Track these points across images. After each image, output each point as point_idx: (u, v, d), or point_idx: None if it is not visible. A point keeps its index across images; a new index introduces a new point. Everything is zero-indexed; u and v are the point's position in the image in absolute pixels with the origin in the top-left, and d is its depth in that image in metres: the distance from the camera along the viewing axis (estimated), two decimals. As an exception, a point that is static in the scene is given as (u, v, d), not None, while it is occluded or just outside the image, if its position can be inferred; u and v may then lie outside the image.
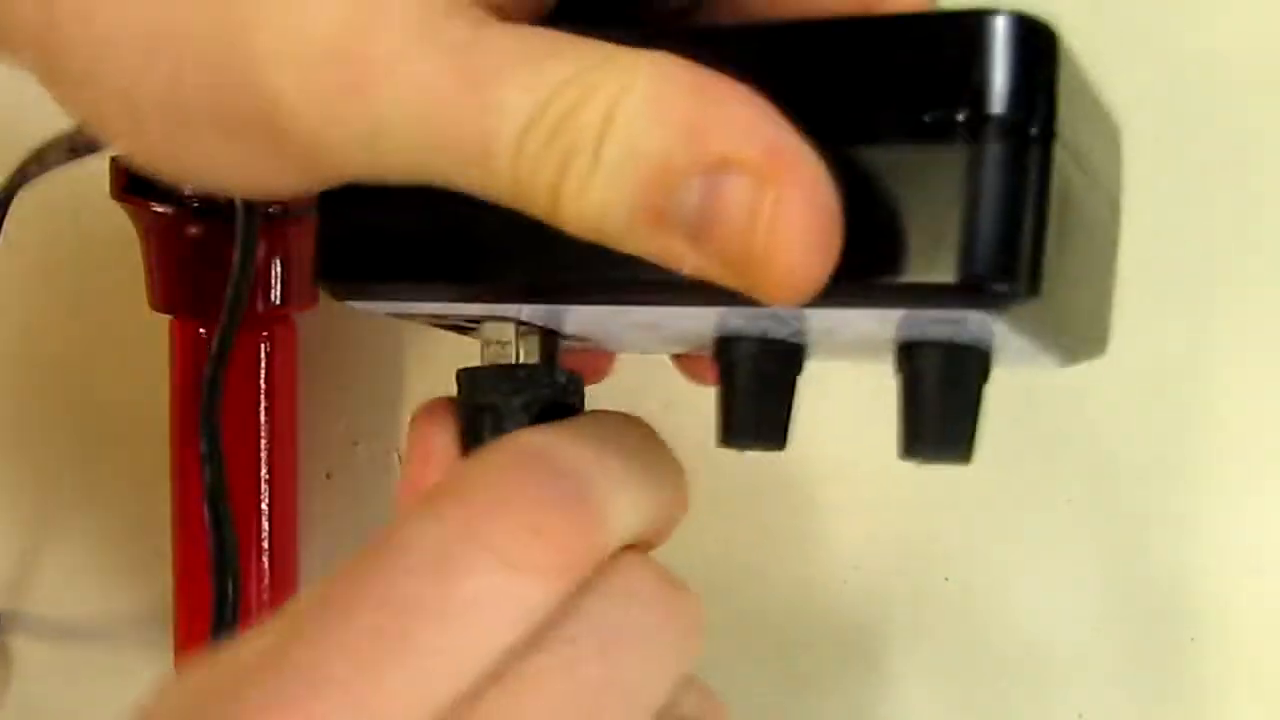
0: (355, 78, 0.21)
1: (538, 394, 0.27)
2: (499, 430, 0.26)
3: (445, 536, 0.22)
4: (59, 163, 0.40)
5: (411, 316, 0.28)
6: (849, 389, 0.41)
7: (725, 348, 0.26)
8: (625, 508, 0.24)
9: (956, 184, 0.21)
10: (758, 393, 0.26)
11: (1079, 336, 0.27)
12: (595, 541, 0.23)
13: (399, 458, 0.48)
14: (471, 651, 0.21)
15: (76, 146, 0.40)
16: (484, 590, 0.21)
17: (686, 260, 0.20)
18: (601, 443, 0.24)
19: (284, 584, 0.46)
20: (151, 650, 0.47)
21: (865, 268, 0.22)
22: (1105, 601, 0.46)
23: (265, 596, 0.46)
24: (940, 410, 0.25)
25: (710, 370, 0.27)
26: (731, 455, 0.28)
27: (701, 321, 0.26)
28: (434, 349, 0.48)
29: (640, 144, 0.20)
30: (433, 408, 0.28)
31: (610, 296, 0.24)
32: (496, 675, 0.22)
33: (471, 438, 0.27)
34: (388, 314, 0.28)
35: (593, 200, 0.20)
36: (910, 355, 0.25)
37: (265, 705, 0.21)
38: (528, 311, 0.27)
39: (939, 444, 0.25)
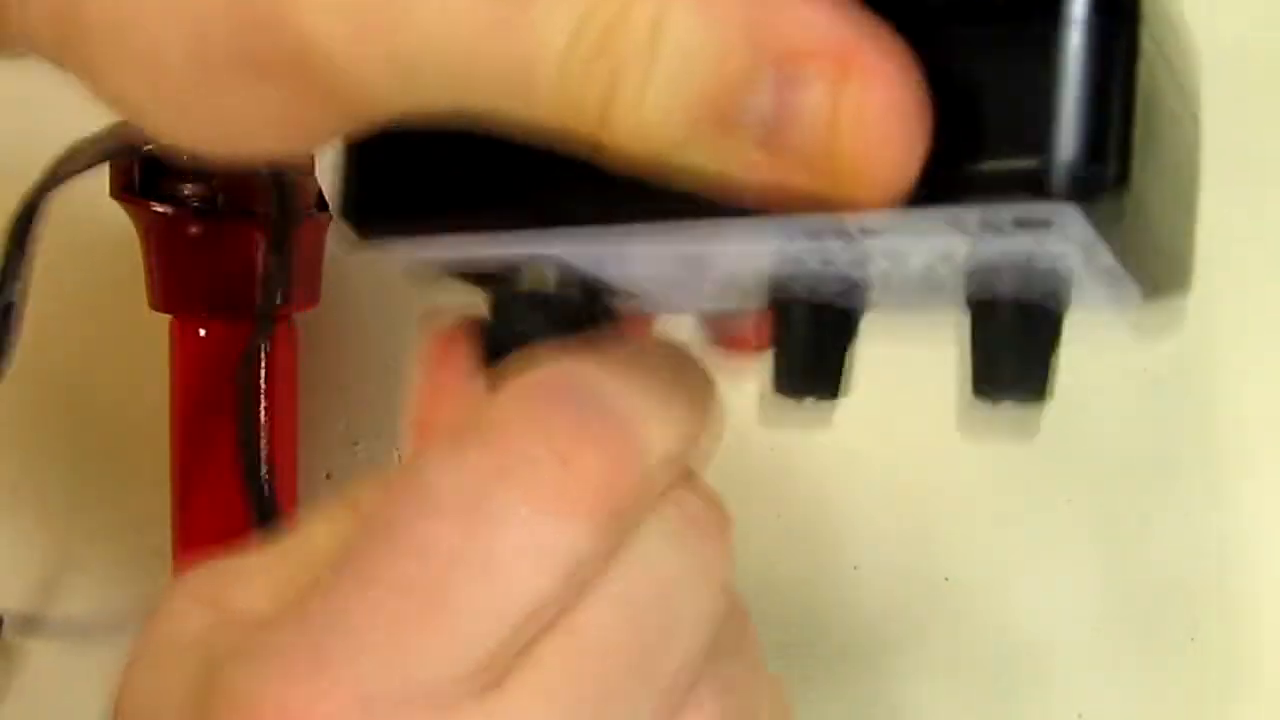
0: (385, 11, 0.20)
1: (576, 324, 0.25)
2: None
3: (477, 480, 0.20)
4: (92, 164, 0.40)
5: (443, 265, 0.26)
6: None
7: (781, 287, 0.24)
8: (663, 433, 0.22)
9: (1039, 64, 0.20)
10: (815, 334, 0.25)
11: (1164, 260, 0.25)
12: (636, 473, 0.21)
13: (399, 457, 0.48)
14: (513, 602, 0.20)
15: (109, 147, 0.39)
16: (522, 536, 0.20)
17: (760, 170, 0.19)
18: (632, 365, 0.23)
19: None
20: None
21: (946, 160, 0.20)
22: (1105, 601, 0.46)
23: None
24: (1017, 345, 0.24)
25: (752, 337, 0.26)
26: (729, 457, 0.28)
27: (756, 260, 0.24)
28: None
29: (696, 47, 0.18)
30: (448, 333, 0.26)
31: (664, 215, 0.22)
32: (544, 624, 0.20)
33: (493, 360, 0.25)
34: (416, 261, 0.26)
35: (649, 114, 0.19)
36: (982, 285, 0.23)
37: (290, 670, 0.20)
38: (571, 251, 0.24)
39: (1014, 383, 0.24)
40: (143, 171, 0.43)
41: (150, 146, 0.43)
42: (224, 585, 0.22)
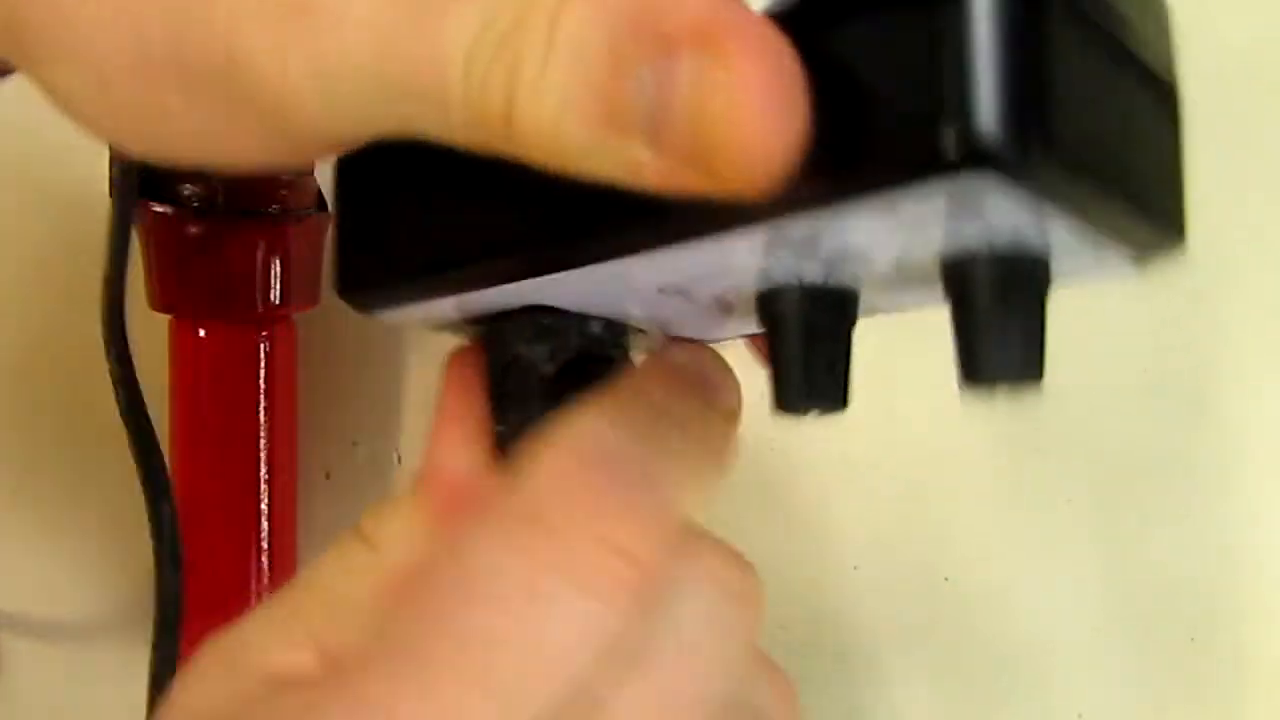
0: (307, 23, 0.20)
1: (566, 342, 0.25)
2: (525, 386, 0.25)
3: (526, 568, 0.21)
4: None
5: (448, 323, 0.26)
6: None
7: (768, 303, 0.24)
8: (688, 487, 0.23)
9: (939, 35, 0.19)
10: (808, 346, 0.24)
11: (1141, 216, 0.24)
12: (669, 537, 0.22)
13: (398, 458, 0.48)
14: (556, 678, 0.21)
15: None
16: (569, 620, 0.21)
17: (649, 168, 0.18)
18: (658, 420, 0.23)
19: (283, 583, 0.46)
20: (148, 649, 0.47)
21: (847, 150, 0.19)
22: (1105, 601, 0.46)
23: (265, 596, 0.46)
24: (998, 327, 0.23)
25: None
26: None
27: (737, 278, 0.23)
28: (434, 349, 0.48)
29: (587, 39, 0.18)
30: (463, 358, 0.26)
31: (618, 246, 0.22)
32: (584, 694, 0.21)
33: (498, 397, 0.25)
34: (420, 323, 0.26)
35: (545, 110, 0.19)
36: (956, 270, 0.22)
37: None
38: (563, 295, 0.24)
39: (1001, 367, 0.23)
40: (142, 171, 0.43)
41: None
42: (249, 647, 0.23)
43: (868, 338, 0.27)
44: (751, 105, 0.18)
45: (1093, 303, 0.46)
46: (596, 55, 0.18)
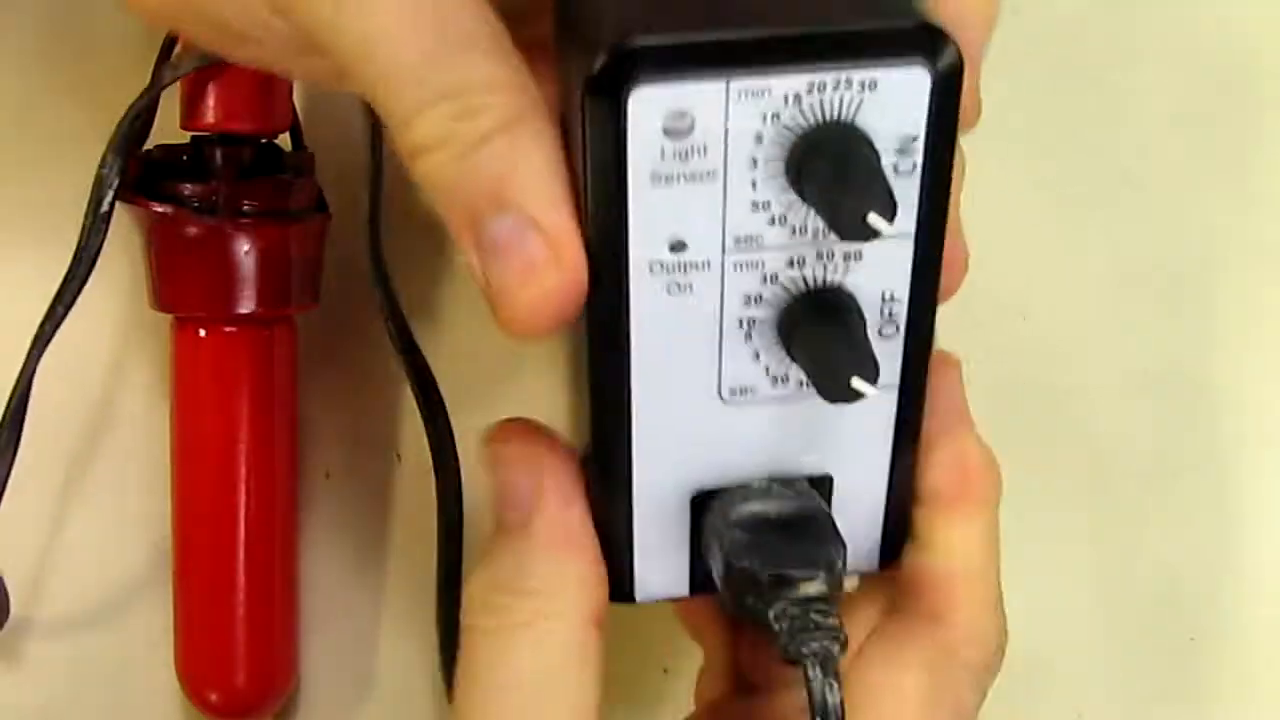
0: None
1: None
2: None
3: None
4: (189, 69, 0.42)
5: None
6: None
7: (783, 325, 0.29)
8: None
9: None
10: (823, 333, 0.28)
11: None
12: None
13: (398, 457, 0.48)
14: None
15: (206, 55, 0.41)
16: None
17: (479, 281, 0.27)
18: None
19: (284, 584, 0.46)
20: (151, 649, 0.47)
21: None
22: (1105, 601, 0.46)
23: (265, 596, 0.46)
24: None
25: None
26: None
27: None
28: (433, 349, 0.48)
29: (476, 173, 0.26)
30: (537, 440, 0.31)
31: None
32: None
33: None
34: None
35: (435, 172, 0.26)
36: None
37: None
38: None
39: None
40: (143, 171, 0.43)
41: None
42: None
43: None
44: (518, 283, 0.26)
45: (1092, 302, 0.46)
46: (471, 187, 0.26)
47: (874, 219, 0.25)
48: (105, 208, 0.42)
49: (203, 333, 0.44)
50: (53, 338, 0.43)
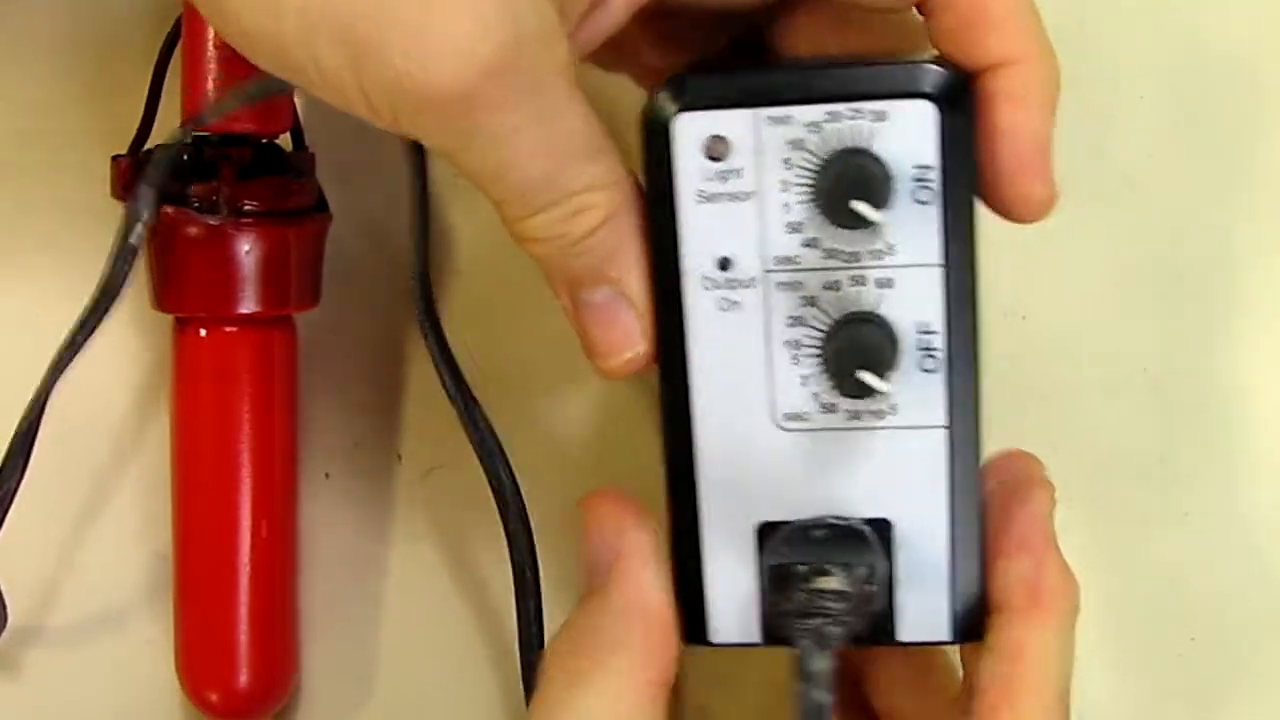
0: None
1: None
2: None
3: None
4: (234, 106, 0.42)
5: None
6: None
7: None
8: None
9: None
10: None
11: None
12: None
13: (399, 457, 0.48)
14: None
15: (254, 91, 0.41)
16: None
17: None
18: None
19: (284, 584, 0.46)
20: (151, 650, 0.47)
21: None
22: (1105, 601, 0.46)
23: (265, 596, 0.46)
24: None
25: None
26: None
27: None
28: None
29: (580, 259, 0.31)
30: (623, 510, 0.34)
31: None
32: None
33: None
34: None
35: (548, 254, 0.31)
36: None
37: None
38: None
39: None
40: (142, 171, 0.43)
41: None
42: None
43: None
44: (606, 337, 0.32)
45: (1092, 302, 0.46)
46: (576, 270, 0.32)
47: (859, 205, 0.29)
48: (134, 240, 0.41)
49: (203, 333, 0.44)
50: (70, 364, 0.42)
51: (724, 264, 0.31)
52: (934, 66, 0.30)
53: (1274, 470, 0.46)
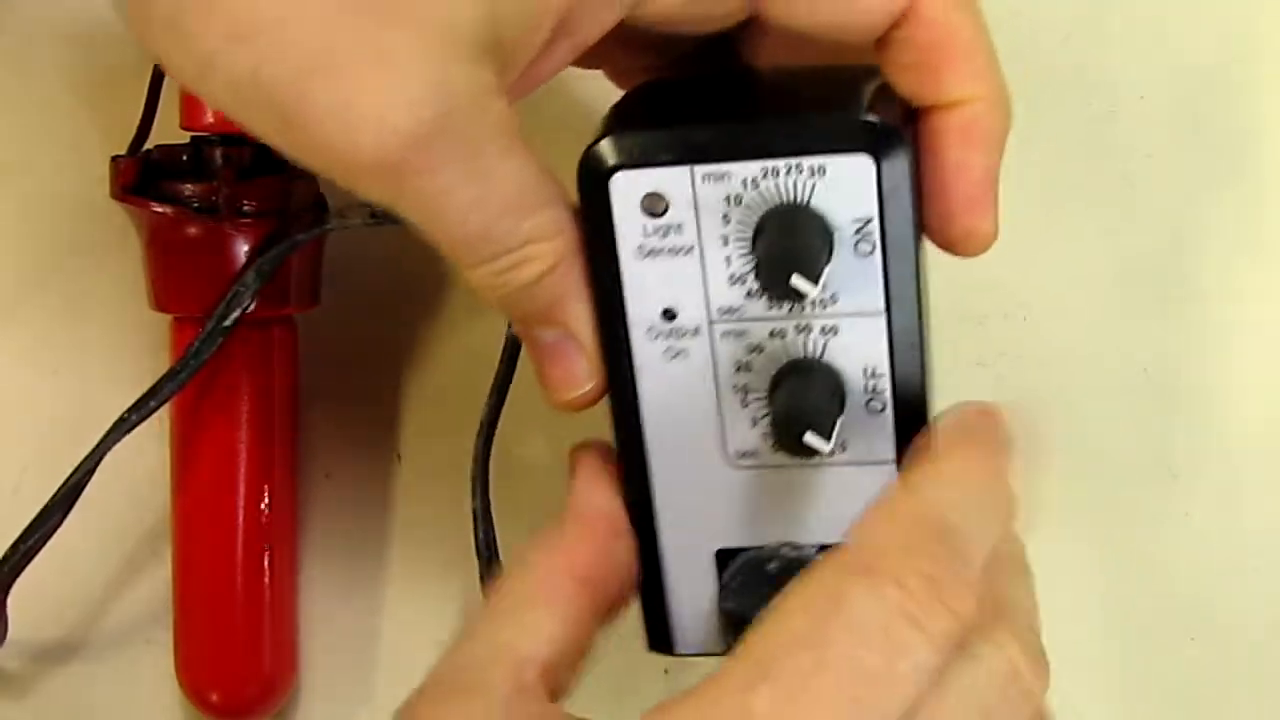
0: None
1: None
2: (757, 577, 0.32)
3: (890, 616, 0.27)
4: (355, 223, 0.43)
5: None
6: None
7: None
8: (989, 554, 0.29)
9: None
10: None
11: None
12: (980, 601, 0.28)
13: (398, 457, 0.48)
14: (895, 710, 0.26)
15: (376, 213, 0.42)
16: (917, 663, 0.26)
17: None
18: (967, 484, 0.30)
19: (284, 584, 0.46)
20: (151, 651, 0.47)
21: None
22: (1105, 601, 0.46)
23: (265, 596, 0.46)
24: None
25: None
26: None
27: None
28: (434, 349, 0.48)
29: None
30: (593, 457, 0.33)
31: None
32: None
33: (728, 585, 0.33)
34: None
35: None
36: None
37: None
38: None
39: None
40: (143, 171, 0.43)
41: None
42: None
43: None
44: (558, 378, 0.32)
45: (1092, 302, 0.46)
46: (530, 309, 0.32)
47: (797, 280, 0.28)
48: (229, 323, 0.42)
49: (202, 333, 0.44)
50: (131, 430, 0.43)
51: (668, 314, 0.31)
52: (871, 118, 0.29)
53: (1274, 470, 0.46)
